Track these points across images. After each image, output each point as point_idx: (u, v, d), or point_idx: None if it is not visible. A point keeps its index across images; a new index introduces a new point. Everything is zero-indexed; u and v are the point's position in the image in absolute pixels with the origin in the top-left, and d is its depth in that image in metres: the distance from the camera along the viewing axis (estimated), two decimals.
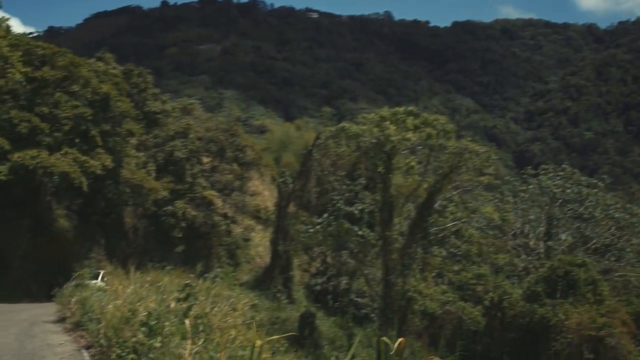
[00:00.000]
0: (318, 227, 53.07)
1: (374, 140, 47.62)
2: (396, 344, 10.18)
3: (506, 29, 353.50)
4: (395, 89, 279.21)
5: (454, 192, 52.61)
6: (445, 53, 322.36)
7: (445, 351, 44.71)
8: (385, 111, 51.16)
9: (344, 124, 54.93)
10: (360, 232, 51.10)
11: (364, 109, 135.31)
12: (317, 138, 68.48)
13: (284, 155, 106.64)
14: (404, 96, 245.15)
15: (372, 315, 59.52)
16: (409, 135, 47.42)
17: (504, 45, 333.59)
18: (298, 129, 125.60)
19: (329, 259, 67.94)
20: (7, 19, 54.06)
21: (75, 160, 49.93)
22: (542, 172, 64.05)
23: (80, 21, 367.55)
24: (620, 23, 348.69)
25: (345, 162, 61.95)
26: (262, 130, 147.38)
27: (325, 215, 54.21)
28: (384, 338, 10.89)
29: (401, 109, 50.98)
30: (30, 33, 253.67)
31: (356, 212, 55.07)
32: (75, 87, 54.23)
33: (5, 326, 28.25)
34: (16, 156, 47.49)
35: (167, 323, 14.50)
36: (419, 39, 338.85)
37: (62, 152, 50.09)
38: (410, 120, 48.86)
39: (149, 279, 29.75)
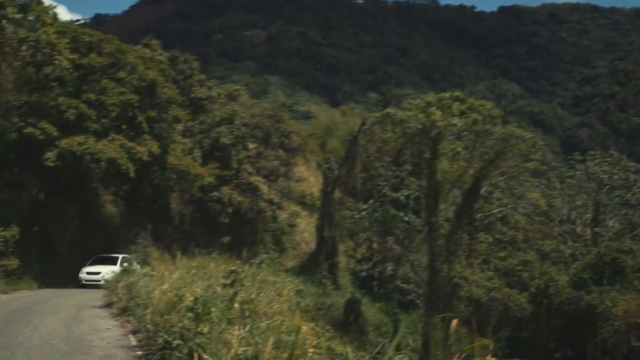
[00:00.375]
0: (364, 213, 53.04)
1: (419, 126, 47.41)
2: (452, 324, 10.14)
3: (553, 14, 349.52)
4: (441, 74, 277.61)
5: (500, 178, 52.31)
6: (492, 38, 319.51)
7: (491, 337, 44.50)
8: (431, 97, 50.93)
9: (390, 109, 54.75)
10: (406, 218, 51.01)
11: (410, 95, 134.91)
12: (363, 124, 68.32)
13: (330, 141, 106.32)
14: (450, 81, 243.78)
15: (418, 301, 59.33)
16: (455, 120, 47.18)
17: (550, 30, 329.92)
18: (343, 114, 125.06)
19: (374, 245, 67.79)
20: (54, 7, 54.37)
21: (122, 147, 50.18)
22: (589, 157, 63.53)
23: (126, 8, 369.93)
24: None
25: (390, 147, 61.80)
26: (307, 116, 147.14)
27: (371, 201, 54.16)
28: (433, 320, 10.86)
29: (447, 95, 50.74)
30: (77, 20, 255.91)
31: (402, 198, 54.94)
32: (121, 74, 54.49)
33: (53, 311, 28.50)
34: (64, 143, 47.81)
35: (213, 309, 14.52)
36: (465, 24, 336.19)
37: (109, 138, 50.37)
38: (456, 106, 48.61)
39: (195, 264, 29.91)
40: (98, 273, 46.44)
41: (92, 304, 33.22)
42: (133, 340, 20.89)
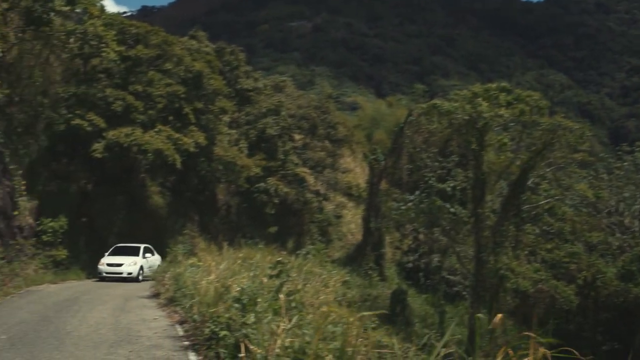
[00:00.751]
0: (410, 204, 52.87)
1: (466, 117, 47.16)
2: (495, 319, 10.04)
3: (600, 3, 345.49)
4: (488, 64, 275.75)
5: (547, 170, 51.80)
6: (539, 28, 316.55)
7: (537, 330, 44.18)
8: (478, 87, 50.68)
9: (436, 100, 54.55)
10: (452, 210, 50.76)
11: (456, 86, 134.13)
12: (409, 115, 68.14)
13: (376, 132, 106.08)
14: (496, 72, 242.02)
15: (464, 293, 59.05)
16: (502, 111, 46.89)
17: (598, 19, 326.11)
18: (390, 105, 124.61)
19: (420, 236, 67.65)
20: None
21: (168, 138, 50.45)
22: (638, 148, 62.70)
23: (173, 0, 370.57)
24: None
25: (437, 139, 61.42)
26: (353, 107, 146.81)
27: (417, 192, 54.01)
28: (479, 315, 10.76)
29: (494, 85, 50.47)
30: (124, 12, 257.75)
31: (448, 189, 54.73)
32: (168, 66, 54.79)
33: (101, 301, 28.73)
34: (111, 134, 48.18)
35: (259, 300, 14.54)
36: (512, 13, 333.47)
37: (155, 129, 50.66)
38: (502, 97, 48.30)
39: (241, 255, 29.93)
40: (119, 265, 43.77)
41: (139, 294, 33.47)
42: (180, 331, 21.01)
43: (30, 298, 29.74)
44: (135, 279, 43.43)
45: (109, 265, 43.85)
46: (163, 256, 43.75)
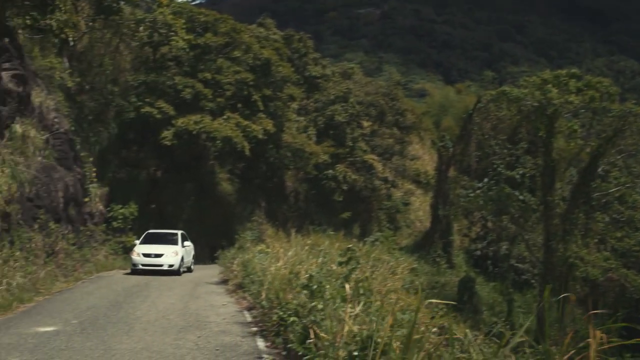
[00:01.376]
0: (478, 191, 52.44)
1: (535, 104, 46.64)
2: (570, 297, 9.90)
3: None
4: (557, 51, 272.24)
5: (618, 157, 51.04)
6: (609, 13, 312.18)
7: (607, 319, 43.61)
8: (547, 74, 50.13)
9: (505, 87, 54.11)
10: (521, 197, 50.23)
11: (525, 72, 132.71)
12: (478, 102, 67.49)
13: (444, 119, 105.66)
14: (566, 58, 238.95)
15: (532, 281, 58.47)
16: (572, 98, 46.31)
17: None
18: (458, 92, 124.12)
19: (489, 224, 67.03)
20: None
21: (237, 125, 50.68)
22: None
23: None
24: None
25: (506, 125, 60.82)
26: (422, 94, 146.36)
27: (486, 179, 53.53)
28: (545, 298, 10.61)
29: (563, 72, 49.86)
30: (193, 1, 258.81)
31: (517, 176, 54.18)
32: (236, 53, 54.99)
33: (170, 287, 28.92)
34: (180, 121, 48.57)
35: (328, 286, 14.46)
36: None
37: (224, 117, 50.94)
38: (572, 83, 47.73)
39: (309, 242, 29.87)
40: (159, 255, 37.45)
41: (208, 280, 33.68)
42: (248, 317, 21.05)
43: (101, 283, 30.08)
44: (176, 272, 37.13)
45: (146, 255, 37.40)
46: (232, 243, 43.54)
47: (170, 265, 37.17)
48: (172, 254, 37.70)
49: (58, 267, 30.86)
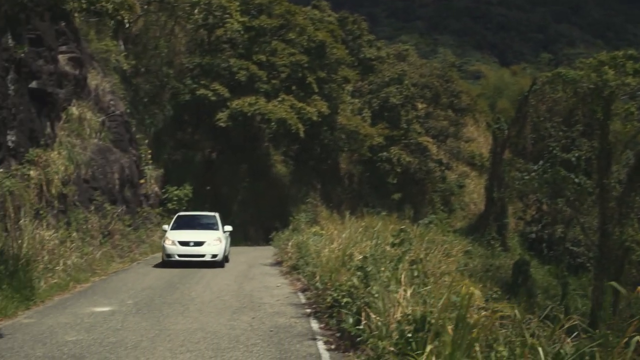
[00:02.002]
0: (533, 174, 52.02)
1: (591, 86, 46.15)
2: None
3: None
4: (614, 32, 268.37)
5: None
6: None
7: None
8: (604, 55, 49.48)
9: (561, 69, 53.59)
10: (576, 180, 49.76)
11: (582, 54, 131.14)
12: (534, 84, 66.90)
13: (499, 101, 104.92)
14: (624, 40, 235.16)
15: (588, 264, 57.91)
16: (629, 80, 45.72)
17: None
18: (514, 74, 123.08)
19: (544, 207, 66.48)
20: None
21: (292, 107, 50.74)
22: None
23: None
24: None
25: (561, 108, 60.29)
26: (477, 76, 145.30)
27: (541, 162, 53.08)
28: (613, 283, 10.49)
29: (620, 53, 49.18)
30: None
31: (573, 159, 53.68)
32: (291, 35, 54.99)
33: (225, 268, 29.09)
34: (235, 103, 48.73)
35: (382, 268, 14.46)
36: None
37: (279, 99, 51.02)
38: (629, 65, 47.07)
39: (363, 224, 29.91)
40: (200, 243, 30.97)
41: (262, 261, 33.79)
42: (302, 298, 21.11)
43: (156, 264, 30.36)
44: (219, 264, 31.00)
45: (183, 244, 30.86)
46: (286, 225, 43.46)
47: (214, 256, 30.71)
48: (215, 242, 31.34)
49: (114, 248, 31.20)
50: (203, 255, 30.40)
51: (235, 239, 39.50)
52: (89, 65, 36.02)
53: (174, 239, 30.81)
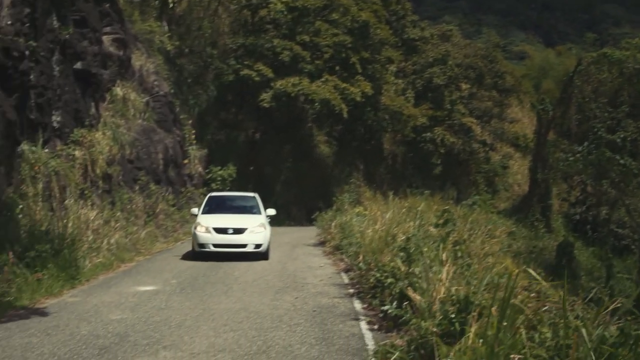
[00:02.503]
0: (578, 155, 51.66)
1: (637, 66, 45.79)
2: None
3: None
4: None
5: None
6: None
7: None
8: None
9: (607, 49, 53.18)
10: (621, 161, 49.34)
11: (628, 34, 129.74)
12: (579, 64, 66.31)
13: (544, 81, 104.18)
14: None
15: (633, 247, 57.49)
16: None
17: None
18: (559, 54, 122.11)
19: (588, 188, 65.95)
20: None
21: (335, 88, 50.66)
22: None
23: None
24: None
25: (607, 88, 59.82)
26: (521, 57, 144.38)
27: (586, 143, 52.69)
28: None
29: None
30: None
31: (618, 140, 53.19)
32: (335, 16, 54.83)
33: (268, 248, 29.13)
34: (279, 84, 48.75)
35: (425, 249, 14.44)
36: None
37: (322, 79, 50.95)
38: None
39: (407, 204, 29.86)
40: (240, 231, 25.97)
41: (305, 242, 33.84)
42: (345, 279, 21.15)
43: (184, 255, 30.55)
44: (264, 255, 26.09)
45: (219, 231, 25.89)
46: (329, 205, 43.37)
47: (257, 246, 25.89)
48: (258, 228, 26.38)
49: (158, 227, 31.46)
50: (244, 246, 25.76)
51: (279, 219, 38.23)
52: (133, 46, 36.26)
53: (208, 225, 26.00)
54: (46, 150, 22.97)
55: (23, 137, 21.37)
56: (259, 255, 25.70)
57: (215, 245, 25.36)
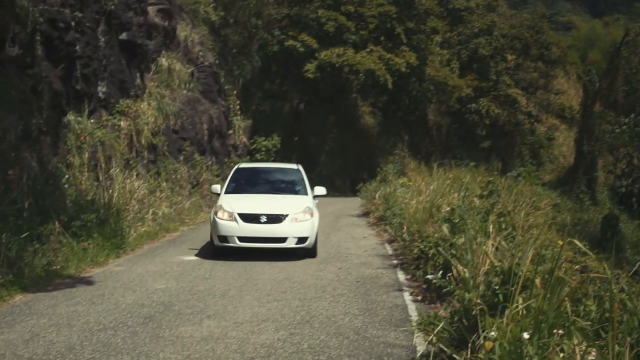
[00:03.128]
0: (624, 127, 51.18)
1: None
2: None
3: None
4: None
5: None
6: None
7: None
8: None
9: None
10: None
11: None
12: (626, 35, 65.56)
13: (591, 52, 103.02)
14: None
15: None
16: None
17: None
18: (606, 25, 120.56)
19: (635, 160, 65.40)
20: None
21: (380, 58, 50.48)
22: None
23: None
24: None
25: None
26: (567, 27, 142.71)
27: (633, 115, 52.19)
28: None
29: None
30: None
31: None
32: None
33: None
34: (323, 54, 48.69)
35: (469, 220, 14.38)
36: None
37: (367, 50, 50.80)
38: None
39: (451, 176, 29.79)
40: (277, 219, 18.42)
41: (349, 212, 33.87)
42: (389, 250, 21.13)
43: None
44: (310, 252, 19.06)
45: (247, 219, 18.32)
46: (373, 176, 43.36)
47: (301, 240, 18.49)
48: (304, 216, 18.87)
49: (202, 198, 31.57)
50: (283, 240, 18.37)
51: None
52: (178, 16, 36.29)
53: (232, 210, 18.52)
54: (92, 120, 23.15)
55: (69, 107, 21.56)
56: (304, 251, 18.87)
57: (241, 239, 18.25)
